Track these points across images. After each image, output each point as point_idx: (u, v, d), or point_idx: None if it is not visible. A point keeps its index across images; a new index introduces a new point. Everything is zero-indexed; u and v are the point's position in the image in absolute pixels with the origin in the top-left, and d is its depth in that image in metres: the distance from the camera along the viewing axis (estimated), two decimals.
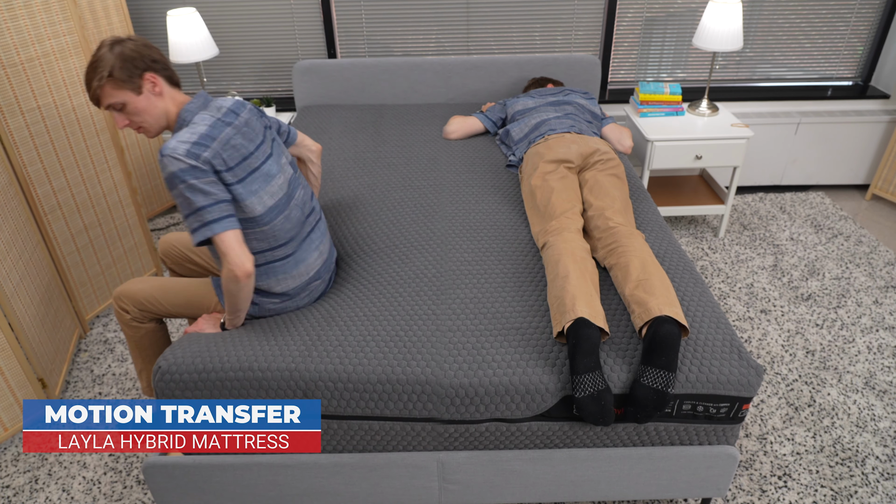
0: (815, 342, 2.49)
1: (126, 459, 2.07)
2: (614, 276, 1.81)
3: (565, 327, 1.58)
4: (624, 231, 1.90)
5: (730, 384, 1.57)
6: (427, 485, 1.72)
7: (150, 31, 3.20)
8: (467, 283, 1.86)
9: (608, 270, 1.87)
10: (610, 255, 1.86)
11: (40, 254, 2.30)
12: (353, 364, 1.59)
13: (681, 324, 1.58)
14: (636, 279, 1.70)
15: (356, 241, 2.10)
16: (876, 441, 2.08)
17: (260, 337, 1.68)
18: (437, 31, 3.27)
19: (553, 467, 1.68)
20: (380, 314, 1.74)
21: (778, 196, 3.54)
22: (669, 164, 2.95)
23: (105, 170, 2.60)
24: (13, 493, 1.97)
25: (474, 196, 2.35)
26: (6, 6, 2.13)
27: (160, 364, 1.61)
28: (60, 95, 2.36)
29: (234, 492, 1.71)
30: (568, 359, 1.57)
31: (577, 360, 1.51)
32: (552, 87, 2.85)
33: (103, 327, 2.65)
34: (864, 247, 3.06)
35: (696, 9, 3.25)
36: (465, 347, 1.63)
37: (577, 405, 1.51)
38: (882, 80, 3.42)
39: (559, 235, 1.90)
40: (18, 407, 2.13)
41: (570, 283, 1.67)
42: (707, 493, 1.76)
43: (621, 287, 1.75)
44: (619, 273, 1.78)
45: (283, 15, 3.20)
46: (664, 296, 1.63)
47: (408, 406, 1.58)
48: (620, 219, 1.96)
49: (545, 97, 2.74)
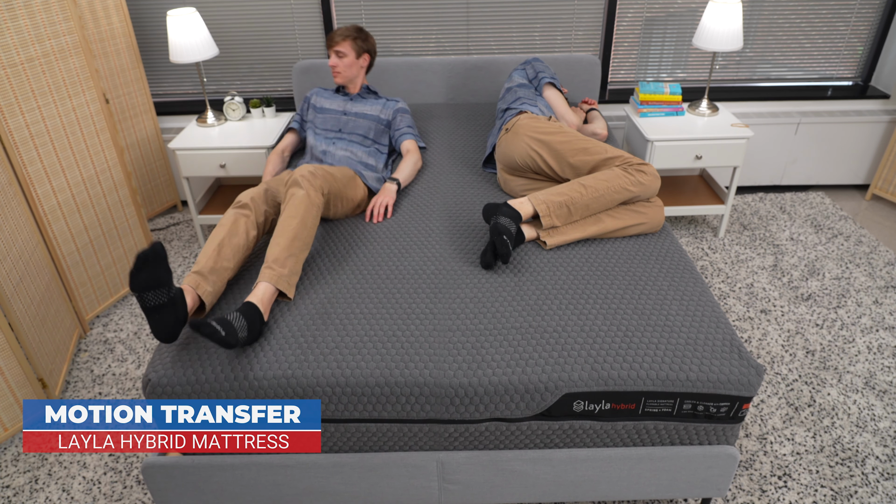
0: (815, 342, 2.49)
1: (126, 459, 2.07)
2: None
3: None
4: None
5: (730, 384, 1.57)
6: (427, 485, 1.72)
7: (150, 31, 3.20)
8: (467, 283, 1.86)
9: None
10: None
11: (40, 254, 2.30)
12: (351, 367, 1.59)
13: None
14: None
15: (353, 237, 2.09)
16: (876, 441, 2.08)
17: (255, 344, 1.66)
18: (437, 31, 3.27)
19: (553, 467, 1.68)
20: (377, 313, 1.74)
21: (778, 196, 3.54)
22: (669, 164, 2.95)
23: (105, 170, 2.60)
24: (13, 493, 1.97)
25: (474, 194, 2.35)
26: (6, 6, 2.13)
27: (150, 376, 1.59)
28: (60, 95, 2.36)
29: (233, 492, 1.71)
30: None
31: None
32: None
33: (103, 327, 2.65)
34: (864, 247, 3.06)
35: (696, 9, 3.25)
36: (465, 347, 1.63)
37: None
38: (882, 80, 3.42)
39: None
40: (18, 407, 2.13)
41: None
42: (707, 493, 1.76)
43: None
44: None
45: (283, 15, 3.20)
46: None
47: (406, 408, 1.58)
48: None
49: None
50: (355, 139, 2.54)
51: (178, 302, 1.58)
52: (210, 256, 1.78)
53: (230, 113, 3.13)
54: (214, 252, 1.79)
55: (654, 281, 1.87)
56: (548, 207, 1.95)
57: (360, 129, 2.57)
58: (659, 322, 1.70)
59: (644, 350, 1.62)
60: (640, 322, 1.70)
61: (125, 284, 2.81)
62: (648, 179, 2.03)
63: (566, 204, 1.96)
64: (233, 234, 1.87)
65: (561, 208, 1.96)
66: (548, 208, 1.95)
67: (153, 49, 3.25)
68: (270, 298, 1.73)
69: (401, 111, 2.66)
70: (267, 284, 1.74)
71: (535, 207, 1.96)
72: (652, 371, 1.57)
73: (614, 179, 2.01)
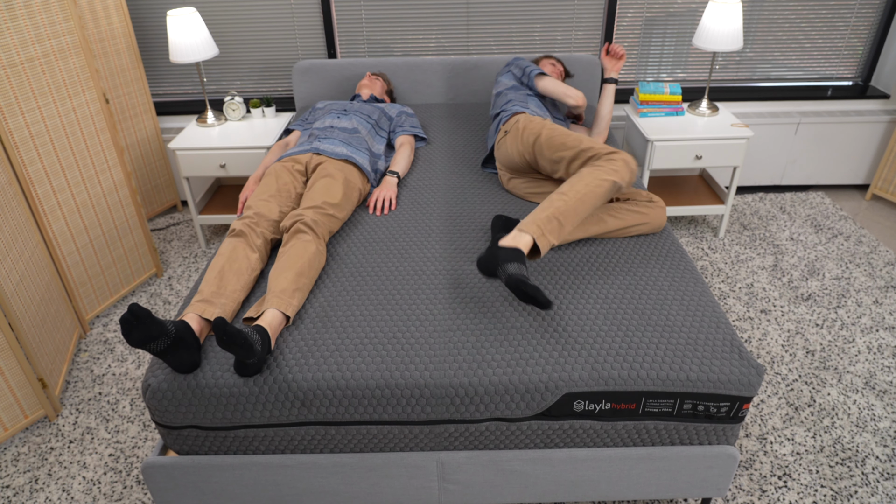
0: (815, 342, 2.49)
1: (126, 459, 2.07)
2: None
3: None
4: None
5: (730, 384, 1.57)
6: (427, 485, 1.72)
7: (150, 31, 3.20)
8: (467, 283, 1.86)
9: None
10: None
11: (40, 254, 2.30)
12: (352, 370, 1.58)
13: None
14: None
15: (353, 238, 2.09)
16: (876, 441, 2.08)
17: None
18: (437, 31, 3.27)
19: (553, 467, 1.68)
20: (377, 314, 1.74)
21: (778, 196, 3.54)
22: (669, 164, 2.95)
23: (105, 170, 2.60)
24: (13, 493, 1.97)
25: (474, 194, 2.35)
26: (6, 6, 2.13)
27: (150, 382, 1.58)
28: (60, 95, 2.36)
29: (233, 492, 1.71)
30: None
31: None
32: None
33: (103, 327, 2.65)
34: (864, 247, 3.06)
35: (696, 9, 3.25)
36: (465, 347, 1.63)
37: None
38: (882, 80, 3.42)
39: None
40: (18, 407, 2.13)
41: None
42: (707, 493, 1.76)
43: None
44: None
45: (283, 15, 3.20)
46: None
47: (406, 410, 1.58)
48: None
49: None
50: (360, 116, 2.58)
51: (185, 336, 1.56)
52: (212, 283, 1.75)
53: (230, 113, 3.13)
54: (216, 278, 1.77)
55: (655, 281, 1.87)
56: (539, 228, 1.81)
57: (364, 110, 2.62)
58: (659, 322, 1.70)
59: (644, 350, 1.62)
60: (641, 322, 1.71)
61: (125, 284, 2.81)
62: (619, 164, 1.97)
63: (555, 217, 1.85)
64: (232, 259, 1.84)
65: (550, 222, 1.85)
66: (539, 229, 1.81)
67: (153, 49, 3.25)
68: (278, 327, 1.67)
69: (406, 113, 2.72)
70: (275, 311, 1.67)
71: (530, 235, 1.81)
72: (652, 371, 1.57)
73: (587, 176, 1.95)
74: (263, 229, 1.98)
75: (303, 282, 1.79)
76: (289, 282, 1.75)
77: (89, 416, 2.24)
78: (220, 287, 1.75)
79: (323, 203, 2.05)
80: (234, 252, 1.86)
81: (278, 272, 1.78)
